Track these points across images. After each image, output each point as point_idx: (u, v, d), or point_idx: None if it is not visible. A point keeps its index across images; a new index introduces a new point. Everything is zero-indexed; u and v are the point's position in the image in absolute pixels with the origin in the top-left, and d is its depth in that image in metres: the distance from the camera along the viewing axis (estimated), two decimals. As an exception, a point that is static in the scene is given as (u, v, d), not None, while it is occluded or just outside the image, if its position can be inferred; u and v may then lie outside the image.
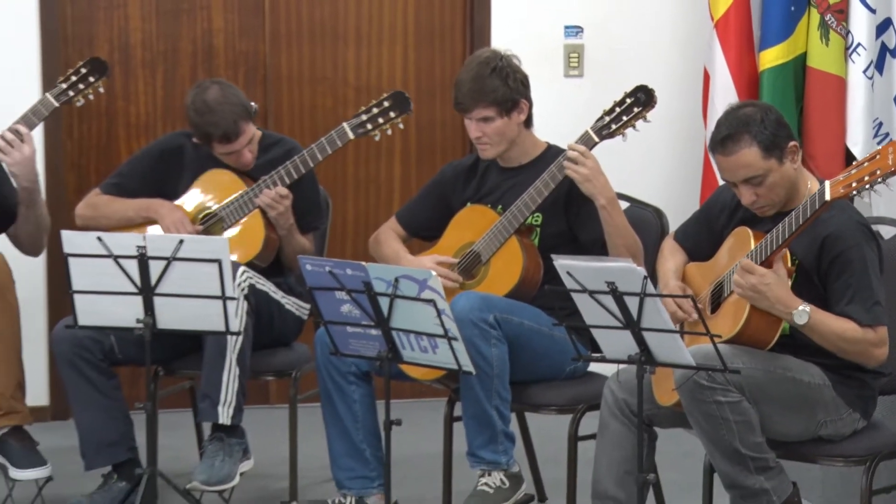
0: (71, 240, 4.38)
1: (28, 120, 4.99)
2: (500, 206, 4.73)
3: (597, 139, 4.63)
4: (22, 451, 4.84)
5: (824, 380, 4.03)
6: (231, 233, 4.92)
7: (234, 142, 4.92)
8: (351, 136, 4.95)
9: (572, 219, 4.70)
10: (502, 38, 6.27)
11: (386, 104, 4.96)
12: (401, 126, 5.02)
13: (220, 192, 5.01)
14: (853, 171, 3.83)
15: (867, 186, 3.79)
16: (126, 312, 4.39)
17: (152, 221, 4.99)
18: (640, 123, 4.66)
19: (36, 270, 5.93)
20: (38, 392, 5.77)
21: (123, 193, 5.11)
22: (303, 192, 5.01)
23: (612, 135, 4.65)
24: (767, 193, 4.06)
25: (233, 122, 4.89)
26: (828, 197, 3.85)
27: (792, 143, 4.07)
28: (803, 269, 4.02)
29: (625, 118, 4.63)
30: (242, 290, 4.68)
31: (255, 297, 4.77)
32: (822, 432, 4.06)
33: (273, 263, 5.01)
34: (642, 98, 4.63)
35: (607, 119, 4.64)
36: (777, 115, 4.09)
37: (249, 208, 4.94)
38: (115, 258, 4.34)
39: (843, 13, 6.04)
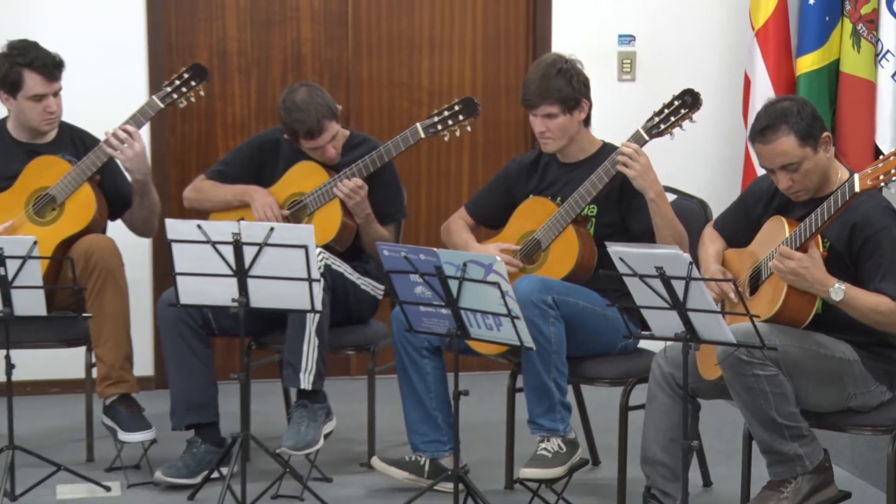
0: (174, 227, 4.42)
1: (136, 120, 5.04)
2: (558, 198, 4.72)
3: (647, 138, 4.62)
4: (130, 417, 4.89)
5: (854, 355, 4.01)
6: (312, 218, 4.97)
7: (317, 138, 4.94)
8: (422, 135, 4.96)
9: (624, 210, 4.69)
10: (562, 45, 6.24)
11: (456, 108, 4.97)
12: (468, 129, 5.02)
13: (306, 181, 5.03)
14: (880, 165, 3.81)
15: (894, 178, 3.77)
16: (222, 292, 4.42)
17: (247, 205, 5.03)
18: (686, 123, 4.63)
19: (142, 255, 5.99)
20: (143, 363, 5.82)
21: (225, 179, 5.15)
22: (383, 185, 5.03)
23: (660, 134, 4.63)
24: (802, 179, 4.03)
25: (316, 121, 4.91)
26: (857, 189, 3.83)
27: (825, 134, 4.05)
28: (836, 253, 3.99)
29: (672, 119, 4.61)
30: (319, 269, 4.69)
31: (330, 277, 4.79)
32: (852, 404, 4.04)
33: (352, 248, 5.03)
34: (689, 100, 4.60)
35: (657, 119, 4.63)
36: (812, 109, 4.07)
37: (330, 196, 4.96)
38: (213, 244, 4.37)
39: (873, 23, 6.00)
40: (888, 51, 5.98)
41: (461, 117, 4.96)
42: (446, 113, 4.97)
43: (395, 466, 4.73)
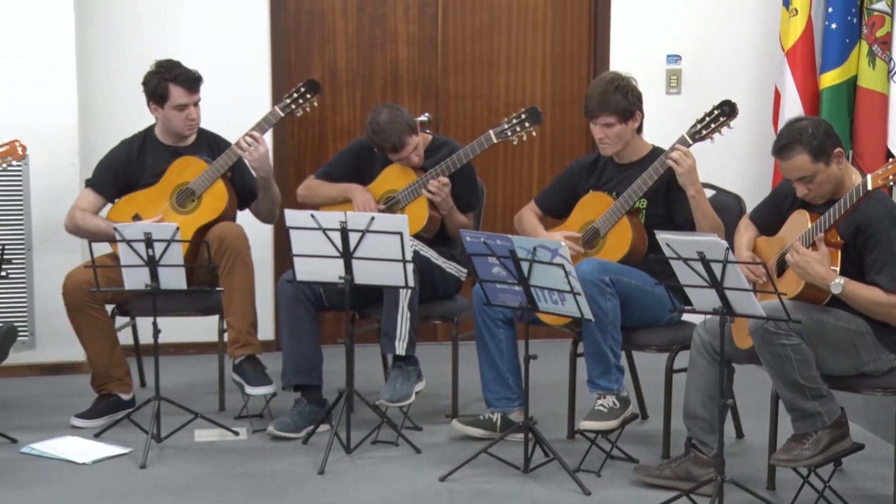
0: (292, 216, 4.46)
1: (261, 127, 5.07)
2: (614, 193, 4.69)
3: (691, 142, 4.57)
4: (254, 374, 4.91)
5: (867, 328, 3.95)
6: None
7: (400, 151, 4.94)
8: (495, 140, 4.93)
9: (670, 203, 4.65)
10: (618, 64, 6.21)
11: (523, 116, 4.93)
12: (534, 134, 4.99)
13: (398, 180, 5.03)
14: (889, 167, 3.76)
15: None
16: (331, 271, 4.46)
17: (349, 200, 5.04)
18: (724, 130, 4.59)
19: (265, 239, 6.03)
20: (266, 330, 5.87)
21: (331, 179, 5.16)
22: (463, 181, 5.02)
23: (702, 138, 4.59)
24: (817, 188, 4.00)
25: (398, 138, 4.90)
26: (870, 187, 3.78)
27: (837, 150, 3.99)
28: (845, 246, 3.94)
29: (713, 125, 4.57)
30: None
31: (419, 261, 4.77)
32: (865, 369, 3.99)
33: (440, 235, 5.02)
34: (727, 110, 4.56)
35: (699, 126, 4.58)
36: (826, 128, 4.00)
37: (419, 193, 4.96)
38: (324, 230, 4.40)
39: (887, 44, 5.93)
40: (899, 68, 5.93)
41: (527, 124, 4.93)
42: (514, 120, 4.94)
43: (471, 426, 4.73)
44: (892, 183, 3.74)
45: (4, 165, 4.84)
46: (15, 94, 5.55)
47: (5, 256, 4.52)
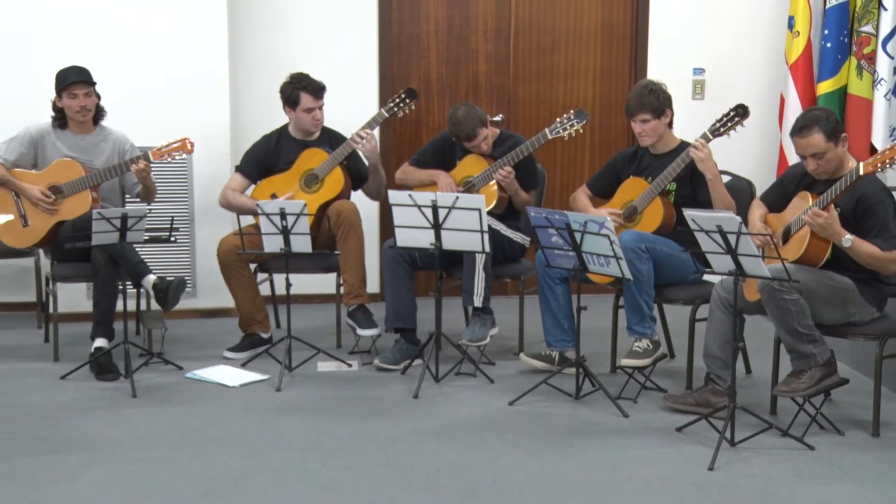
0: (394, 195, 4.47)
1: (371, 125, 5.09)
2: (650, 178, 4.65)
3: (711, 137, 4.52)
4: (364, 318, 4.95)
5: (853, 287, 3.90)
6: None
7: (473, 141, 4.92)
8: (550, 136, 4.89)
9: (694, 186, 4.59)
10: (652, 75, 6.13)
11: (572, 116, 4.89)
12: (580, 131, 4.94)
13: (474, 168, 5.01)
14: (878, 156, 3.71)
15: (888, 166, 3.69)
16: (424, 239, 4.46)
17: (435, 183, 5.03)
18: (738, 128, 4.53)
19: (373, 214, 6.06)
20: (372, 284, 5.91)
21: (421, 165, 5.16)
22: (526, 167, 4.99)
23: (720, 134, 4.53)
24: (825, 164, 3.93)
25: (471, 129, 4.89)
26: (861, 172, 3.72)
27: (843, 135, 3.94)
28: (843, 215, 3.88)
29: (729, 124, 4.51)
30: None
31: (491, 231, 4.76)
32: (851, 319, 3.93)
33: (508, 211, 4.99)
34: (740, 112, 4.49)
35: (718, 125, 4.52)
36: (835, 116, 3.98)
37: (490, 178, 4.94)
38: (419, 207, 4.41)
39: (872, 59, 5.85)
40: (882, 78, 5.86)
41: (575, 123, 4.89)
42: (565, 120, 4.89)
43: (535, 359, 4.73)
44: (879, 170, 3.70)
45: (177, 158, 4.92)
46: (180, 97, 5.63)
47: (174, 226, 4.61)
